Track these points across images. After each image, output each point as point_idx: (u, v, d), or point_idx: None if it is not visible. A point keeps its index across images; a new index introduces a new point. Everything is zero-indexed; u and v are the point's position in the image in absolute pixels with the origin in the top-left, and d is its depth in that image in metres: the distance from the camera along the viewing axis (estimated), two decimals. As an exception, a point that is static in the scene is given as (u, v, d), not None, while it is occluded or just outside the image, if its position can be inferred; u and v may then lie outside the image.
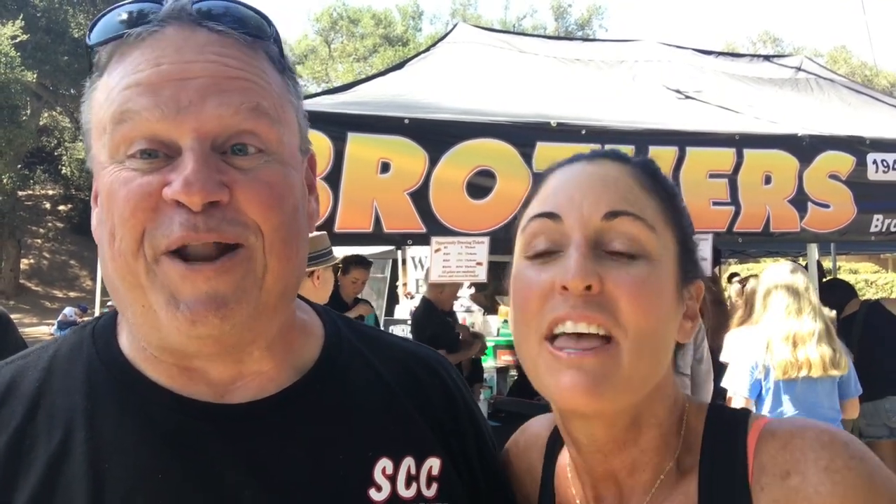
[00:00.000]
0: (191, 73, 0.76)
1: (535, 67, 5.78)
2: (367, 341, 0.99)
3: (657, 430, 0.90)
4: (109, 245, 0.76)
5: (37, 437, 0.78)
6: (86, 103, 0.83)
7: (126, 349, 0.85)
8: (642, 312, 0.81)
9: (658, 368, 0.86)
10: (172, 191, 0.72)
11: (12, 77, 17.58)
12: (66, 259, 25.13)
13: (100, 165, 0.79)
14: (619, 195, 0.86)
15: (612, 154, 0.93)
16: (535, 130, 3.87)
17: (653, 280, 0.83)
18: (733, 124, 4.58)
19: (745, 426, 0.88)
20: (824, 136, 4.40)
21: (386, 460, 0.87)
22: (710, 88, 5.78)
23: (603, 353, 0.80)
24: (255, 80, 0.79)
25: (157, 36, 0.77)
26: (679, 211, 0.92)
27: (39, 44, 19.92)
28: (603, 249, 0.83)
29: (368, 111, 3.79)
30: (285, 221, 0.79)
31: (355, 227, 3.61)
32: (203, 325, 0.74)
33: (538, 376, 0.85)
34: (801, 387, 3.59)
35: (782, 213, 4.22)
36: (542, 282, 0.84)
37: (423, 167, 3.62)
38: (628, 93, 5.48)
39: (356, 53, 35.37)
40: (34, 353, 0.87)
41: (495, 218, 3.78)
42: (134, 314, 0.78)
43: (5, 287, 22.58)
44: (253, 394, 0.85)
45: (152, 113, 0.74)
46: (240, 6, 0.82)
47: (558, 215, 0.85)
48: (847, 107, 6.15)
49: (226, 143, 0.76)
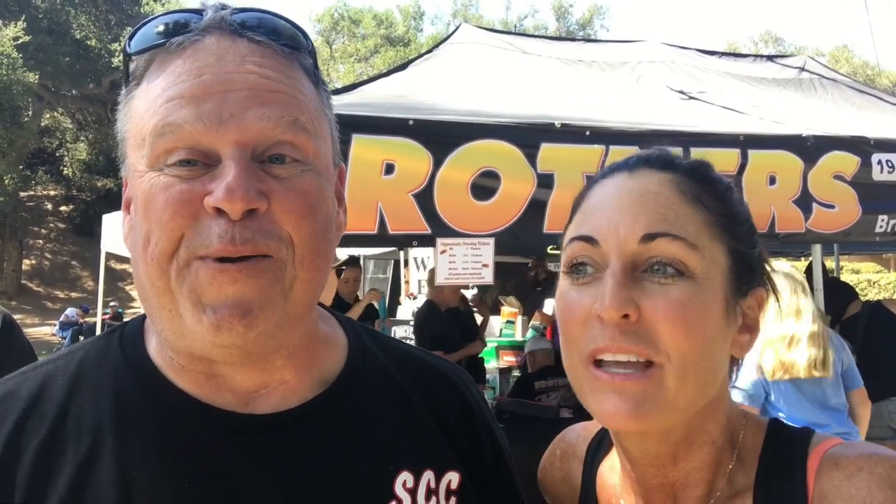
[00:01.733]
0: (232, 85, 0.76)
1: (538, 68, 5.78)
2: (389, 353, 0.99)
3: (710, 447, 0.87)
4: (143, 249, 0.76)
5: (66, 442, 0.78)
6: (123, 112, 0.83)
7: (154, 356, 0.85)
8: (683, 337, 0.78)
9: (706, 389, 0.83)
10: (214, 198, 0.72)
11: (14, 78, 17.59)
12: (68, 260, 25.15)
13: (137, 174, 0.78)
14: (659, 213, 0.81)
15: (657, 161, 0.87)
16: (539, 131, 3.86)
17: (695, 301, 0.79)
18: (737, 125, 4.57)
19: (806, 448, 0.84)
20: (829, 136, 4.39)
21: (407, 473, 0.87)
22: (714, 89, 5.78)
23: (645, 379, 0.78)
24: (294, 94, 0.80)
25: (198, 45, 0.78)
26: (733, 218, 0.86)
27: (41, 45, 19.92)
28: (641, 271, 0.80)
29: (372, 112, 3.78)
30: (318, 231, 0.80)
31: (360, 228, 3.60)
32: (228, 333, 0.74)
33: (583, 395, 0.84)
34: (799, 387, 3.57)
35: (787, 214, 4.21)
36: (582, 306, 0.82)
37: (428, 168, 3.61)
38: (632, 93, 5.47)
39: (357, 54, 35.38)
40: (62, 358, 0.87)
41: (500, 219, 3.78)
42: (161, 320, 0.78)
43: (7, 287, 22.60)
44: (276, 402, 0.85)
45: (194, 126, 0.74)
46: (277, 18, 0.83)
47: (595, 239, 0.83)
48: (851, 107, 6.14)
49: (264, 152, 0.77)
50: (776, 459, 0.85)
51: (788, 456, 0.85)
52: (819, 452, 0.83)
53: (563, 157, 3.83)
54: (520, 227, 3.79)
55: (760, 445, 0.88)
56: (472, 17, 35.91)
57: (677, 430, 0.84)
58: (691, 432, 0.86)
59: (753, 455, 0.87)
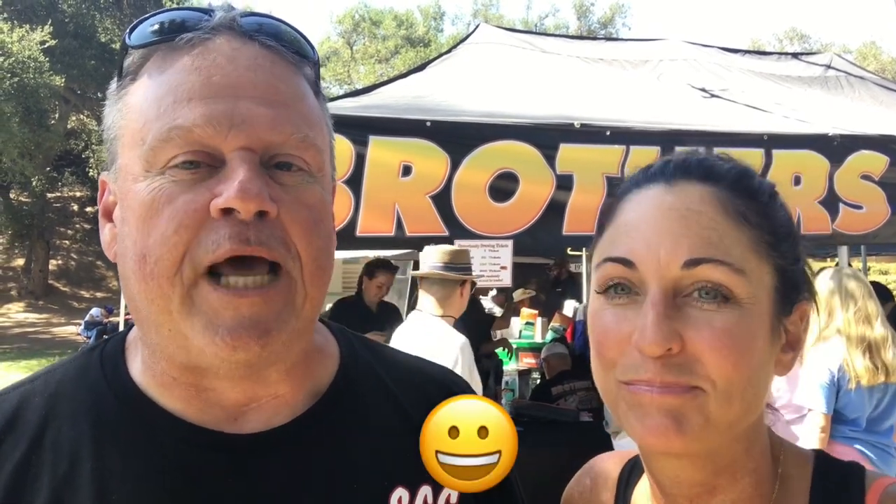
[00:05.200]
0: (243, 90, 0.74)
1: (558, 68, 5.73)
2: (382, 362, 0.95)
3: (751, 477, 0.82)
4: (139, 266, 0.72)
5: (42, 466, 0.76)
6: (114, 108, 0.78)
7: (136, 375, 0.82)
8: (731, 367, 0.73)
9: (750, 414, 0.78)
10: (225, 198, 0.69)
11: (41, 81, 17.88)
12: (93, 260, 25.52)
13: (131, 177, 0.74)
14: (702, 236, 0.75)
15: (697, 169, 0.81)
16: (558, 132, 3.82)
17: (742, 329, 0.74)
18: (761, 124, 4.49)
19: (863, 484, 0.79)
20: (856, 135, 4.30)
21: (402, 490, 0.84)
22: (737, 87, 5.68)
23: (687, 396, 0.74)
24: (300, 107, 0.78)
25: (208, 45, 0.75)
26: (778, 234, 0.80)
27: (67, 49, 20.25)
28: (683, 296, 0.75)
29: (390, 114, 3.77)
30: (323, 248, 0.78)
31: (377, 230, 3.59)
32: (244, 352, 0.72)
33: (619, 415, 0.80)
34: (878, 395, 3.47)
35: (813, 215, 4.12)
36: (620, 332, 0.77)
37: (445, 170, 3.59)
38: (653, 92, 5.40)
39: (378, 55, 35.48)
40: (41, 378, 0.84)
41: (518, 221, 3.74)
42: (159, 335, 0.75)
43: (35, 288, 22.99)
44: (267, 417, 0.82)
45: (204, 129, 0.71)
46: (287, 26, 0.82)
47: (633, 262, 0.77)
48: (879, 105, 6.00)
49: (271, 159, 0.75)
50: (831, 494, 0.80)
51: (845, 491, 0.79)
52: (878, 489, 0.78)
53: (582, 157, 3.78)
54: (538, 229, 3.75)
55: (808, 477, 0.82)
56: (493, 17, 35.84)
57: (720, 456, 0.80)
58: (735, 459, 0.81)
59: (800, 486, 0.82)
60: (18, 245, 24.08)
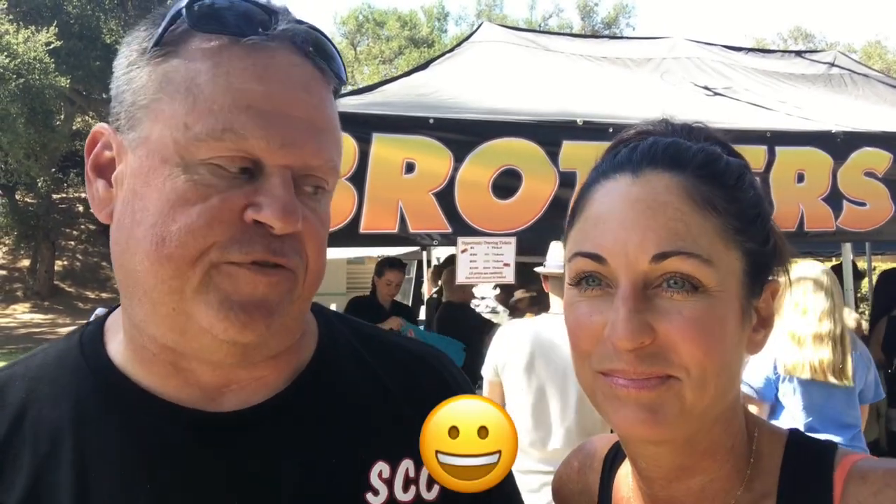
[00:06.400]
0: (296, 110, 0.76)
1: (561, 66, 5.73)
2: (363, 339, 0.97)
3: (726, 456, 0.84)
4: (156, 247, 0.72)
5: (22, 447, 0.77)
6: (145, 71, 0.76)
7: (115, 354, 0.83)
8: (703, 354, 0.75)
9: (725, 396, 0.80)
10: (266, 216, 0.73)
11: (46, 83, 17.91)
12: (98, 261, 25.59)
13: (159, 156, 0.73)
14: (669, 228, 0.75)
15: (663, 159, 0.80)
16: (561, 129, 3.83)
17: (712, 317, 0.75)
18: (765, 121, 4.49)
19: (832, 461, 0.81)
20: (859, 132, 4.29)
21: (382, 464, 0.85)
22: (741, 85, 5.68)
23: (662, 388, 0.75)
24: (336, 133, 0.82)
25: (270, 53, 0.76)
26: (746, 218, 0.80)
27: (73, 50, 20.28)
28: (654, 287, 0.76)
29: (393, 111, 3.78)
30: (324, 260, 0.83)
31: (380, 227, 3.60)
32: (252, 330, 0.74)
33: (596, 403, 0.82)
34: (816, 391, 3.45)
35: (816, 212, 4.12)
36: (592, 325, 0.79)
37: (448, 167, 3.60)
38: (656, 90, 5.40)
39: (382, 56, 35.52)
40: (22, 363, 0.86)
41: (522, 218, 3.75)
42: (154, 313, 0.75)
43: (41, 288, 23.05)
44: (246, 397, 0.83)
45: (258, 142, 0.73)
46: (332, 43, 0.84)
47: (603, 257, 0.78)
48: (883, 103, 5.99)
49: (300, 178, 0.78)
50: (800, 470, 0.82)
51: (813, 467, 0.81)
52: (846, 466, 0.79)
53: (585, 154, 3.77)
54: (542, 227, 3.76)
55: (780, 454, 0.84)
56: (497, 17, 35.83)
57: (698, 441, 0.81)
58: (714, 440, 0.82)
59: (772, 463, 0.84)
60: (24, 246, 24.16)
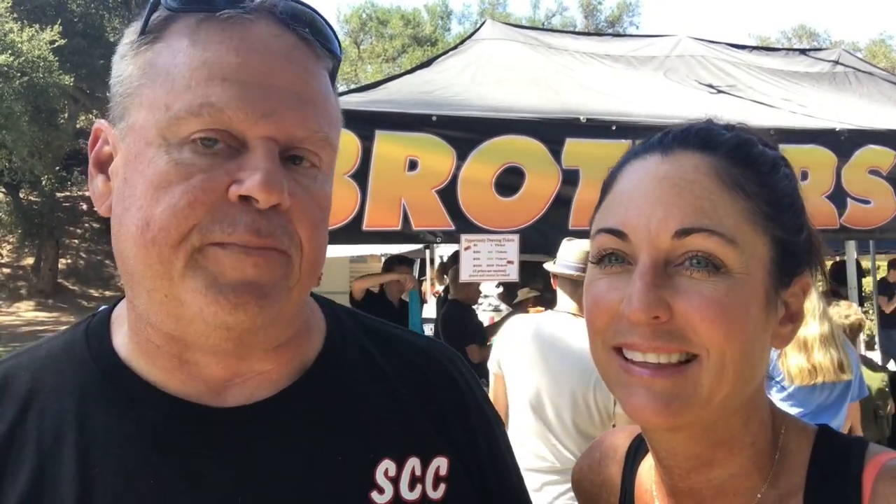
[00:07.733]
0: (277, 80, 0.74)
1: (564, 63, 5.72)
2: (371, 335, 0.95)
3: (749, 450, 0.81)
4: (141, 232, 0.72)
5: (26, 439, 0.77)
6: (131, 62, 0.76)
7: (120, 347, 0.83)
8: (722, 335, 0.72)
9: (745, 387, 0.78)
10: (248, 188, 0.70)
11: (50, 81, 17.94)
12: (102, 259, 25.62)
13: (144, 140, 0.73)
14: (694, 205, 0.74)
15: (695, 139, 0.79)
16: (564, 126, 3.83)
17: (732, 300, 0.73)
18: (768, 119, 4.47)
19: (862, 459, 0.78)
20: (863, 130, 4.29)
21: (388, 462, 0.84)
22: (744, 83, 5.66)
23: (677, 375, 0.74)
24: (325, 105, 0.79)
25: (248, 25, 0.74)
26: (777, 205, 0.78)
27: (76, 48, 20.30)
28: (675, 265, 0.74)
29: (396, 109, 3.78)
30: (322, 246, 0.80)
31: (383, 225, 3.61)
32: (244, 312, 0.72)
33: (609, 384, 0.80)
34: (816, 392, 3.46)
35: (820, 210, 4.11)
36: (609, 301, 0.77)
37: (451, 164, 3.60)
38: (659, 88, 5.39)
39: (385, 54, 35.49)
40: (27, 354, 0.85)
41: (525, 215, 3.75)
42: (151, 301, 0.75)
43: (45, 286, 23.10)
44: (250, 392, 0.82)
45: (236, 113, 0.71)
46: (324, 20, 0.82)
47: (624, 233, 0.77)
48: (887, 101, 5.97)
49: (286, 152, 0.76)
50: (828, 468, 0.79)
51: (841, 466, 0.79)
52: (876, 464, 0.77)
53: (588, 152, 3.78)
54: (545, 224, 3.76)
55: (808, 451, 0.82)
56: (500, 16, 35.79)
57: (716, 431, 0.79)
58: (733, 433, 0.80)
59: (799, 461, 0.81)
60: (28, 244, 24.22)
